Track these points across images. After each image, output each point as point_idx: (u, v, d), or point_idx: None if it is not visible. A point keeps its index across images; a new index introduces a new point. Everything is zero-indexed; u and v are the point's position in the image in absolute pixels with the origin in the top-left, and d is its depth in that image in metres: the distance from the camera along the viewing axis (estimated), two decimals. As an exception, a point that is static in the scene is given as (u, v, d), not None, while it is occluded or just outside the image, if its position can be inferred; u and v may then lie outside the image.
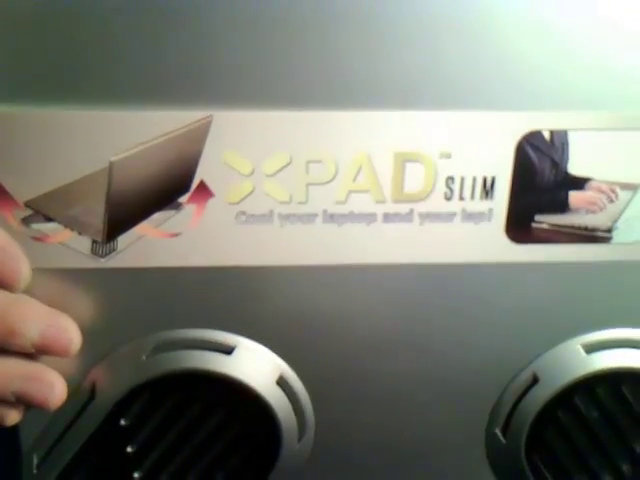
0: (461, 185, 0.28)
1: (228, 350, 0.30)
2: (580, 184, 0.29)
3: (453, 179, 0.28)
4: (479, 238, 0.29)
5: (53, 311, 0.27)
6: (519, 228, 0.29)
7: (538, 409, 0.32)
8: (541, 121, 0.27)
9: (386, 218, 0.28)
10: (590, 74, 0.27)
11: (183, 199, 0.27)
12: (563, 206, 0.29)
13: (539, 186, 0.28)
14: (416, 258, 0.29)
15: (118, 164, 0.26)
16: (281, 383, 0.31)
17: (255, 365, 0.30)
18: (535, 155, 0.28)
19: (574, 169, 0.28)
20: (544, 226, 0.29)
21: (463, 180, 0.28)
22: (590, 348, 0.31)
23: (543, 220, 0.29)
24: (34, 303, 0.27)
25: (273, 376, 0.31)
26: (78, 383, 0.30)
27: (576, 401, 0.32)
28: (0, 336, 0.26)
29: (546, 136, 0.28)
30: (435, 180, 0.28)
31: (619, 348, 0.31)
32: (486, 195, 0.28)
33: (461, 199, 0.28)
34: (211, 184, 0.27)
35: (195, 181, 0.27)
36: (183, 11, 0.25)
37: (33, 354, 0.27)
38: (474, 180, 0.28)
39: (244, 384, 0.30)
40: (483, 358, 0.32)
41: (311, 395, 0.32)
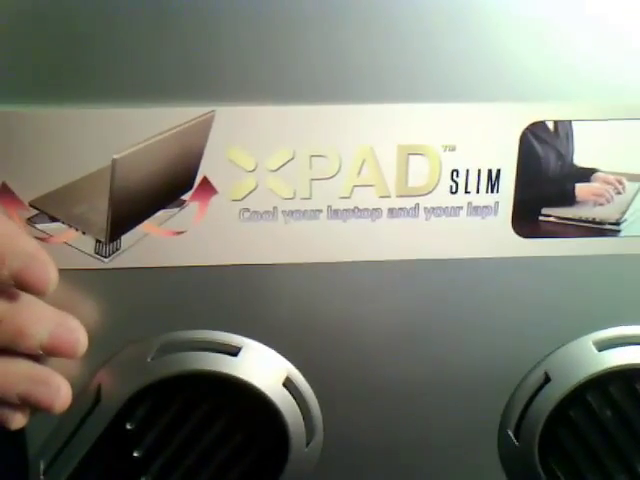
0: (466, 178, 0.28)
1: (234, 352, 0.30)
2: (586, 176, 0.28)
3: (458, 172, 0.28)
4: (486, 233, 0.29)
5: (60, 312, 0.27)
6: (526, 222, 0.29)
7: (550, 409, 0.31)
8: (544, 112, 0.27)
9: (391, 213, 0.28)
10: (593, 64, 0.27)
11: (186, 196, 0.27)
12: (570, 198, 0.29)
13: (545, 178, 0.28)
14: (423, 254, 0.29)
15: (121, 161, 0.26)
16: (287, 385, 0.30)
17: (261, 366, 0.30)
18: (540, 146, 0.28)
19: (580, 160, 0.28)
20: (551, 219, 0.29)
21: (468, 173, 0.28)
22: (602, 345, 0.31)
23: (550, 213, 0.29)
24: (41, 305, 0.27)
25: (279, 377, 0.30)
26: (83, 386, 0.30)
27: (589, 400, 0.31)
28: (9, 337, 0.26)
29: (550, 127, 0.28)
30: (440, 173, 0.28)
31: (632, 345, 0.31)
32: (492, 188, 0.28)
33: (467, 192, 0.28)
34: (214, 181, 0.27)
35: (198, 178, 0.27)
36: (185, 7, 0.25)
37: (39, 357, 0.27)
38: (479, 173, 0.28)
39: (250, 386, 0.30)
40: (492, 356, 0.31)
41: (318, 397, 0.31)
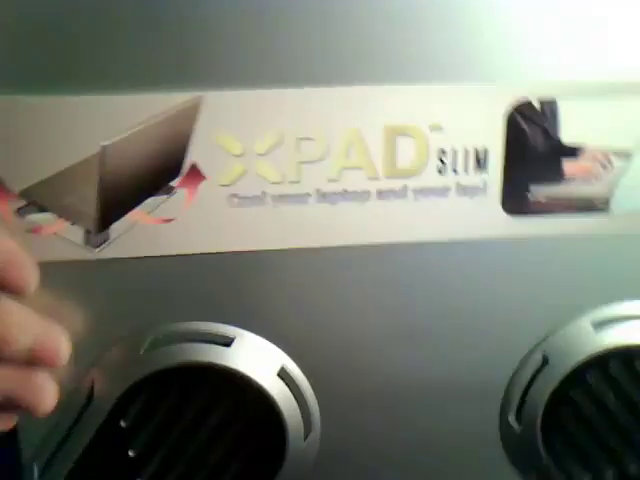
0: (454, 158, 0.28)
1: (227, 342, 0.29)
2: (574, 153, 0.29)
3: (445, 152, 0.28)
4: (475, 213, 0.29)
5: (44, 319, 0.26)
6: (515, 200, 0.29)
7: (550, 391, 0.31)
8: (529, 90, 0.28)
9: (380, 195, 0.28)
10: (575, 43, 0.27)
11: (175, 183, 0.27)
12: (558, 175, 0.29)
13: (532, 156, 0.28)
14: (413, 236, 0.29)
15: (109, 148, 0.26)
16: (283, 375, 0.30)
17: (255, 357, 0.30)
18: (526, 125, 0.28)
19: (566, 137, 0.28)
20: (540, 197, 0.29)
21: (455, 153, 0.28)
22: (599, 324, 0.31)
23: (539, 191, 0.29)
24: (25, 310, 0.26)
25: (274, 368, 0.30)
26: (75, 385, 0.29)
27: (589, 380, 0.31)
28: None
29: (536, 105, 0.28)
30: (427, 154, 0.28)
31: (629, 322, 0.30)
32: (479, 167, 0.28)
33: (454, 172, 0.28)
34: (203, 166, 0.27)
35: (186, 164, 0.27)
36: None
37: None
38: (466, 152, 0.28)
39: (245, 376, 0.29)
40: (488, 340, 0.31)
41: (314, 388, 0.31)
